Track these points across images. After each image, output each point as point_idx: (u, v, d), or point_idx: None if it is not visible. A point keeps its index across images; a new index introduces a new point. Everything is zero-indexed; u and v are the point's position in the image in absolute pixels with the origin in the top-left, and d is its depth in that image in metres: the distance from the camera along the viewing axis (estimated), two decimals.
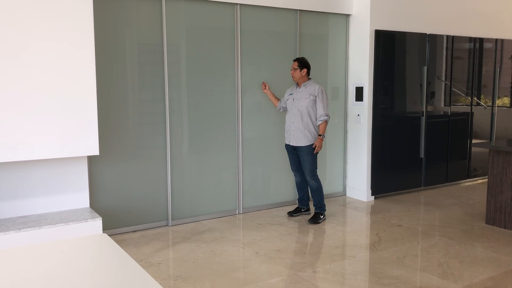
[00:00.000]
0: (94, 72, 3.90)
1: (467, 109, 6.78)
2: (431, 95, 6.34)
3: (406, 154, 6.17)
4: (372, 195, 5.89)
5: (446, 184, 6.66)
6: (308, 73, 4.97)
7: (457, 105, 6.67)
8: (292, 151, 5.03)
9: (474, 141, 6.84)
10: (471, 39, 6.68)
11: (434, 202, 5.81)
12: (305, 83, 4.95)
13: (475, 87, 6.85)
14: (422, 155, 6.27)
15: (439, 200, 5.90)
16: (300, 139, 4.89)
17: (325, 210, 5.07)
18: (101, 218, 3.89)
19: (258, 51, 5.31)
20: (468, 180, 6.92)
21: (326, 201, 5.70)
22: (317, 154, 4.99)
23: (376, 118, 5.79)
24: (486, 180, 5.77)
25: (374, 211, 5.44)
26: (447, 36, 6.38)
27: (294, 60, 4.98)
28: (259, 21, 5.28)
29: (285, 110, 5.19)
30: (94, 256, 1.94)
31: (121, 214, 4.60)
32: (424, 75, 6.18)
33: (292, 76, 4.97)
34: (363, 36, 5.73)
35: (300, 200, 5.27)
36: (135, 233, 4.61)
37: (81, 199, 4.20)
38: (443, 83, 6.47)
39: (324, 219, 5.05)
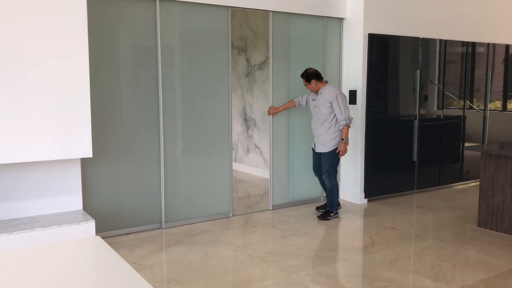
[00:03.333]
0: (88, 74, 3.89)
1: (459, 112, 6.83)
2: (424, 99, 6.38)
3: (399, 157, 6.20)
4: (365, 197, 5.91)
5: (439, 187, 6.70)
6: (320, 79, 5.09)
7: (450, 108, 6.71)
8: (316, 153, 5.23)
9: (466, 144, 6.89)
10: (464, 43, 6.73)
11: (426, 205, 5.84)
12: (321, 90, 5.07)
13: (468, 91, 6.90)
14: (415, 158, 6.30)
15: (432, 203, 5.93)
16: (321, 146, 5.10)
17: (335, 209, 5.22)
18: (94, 220, 3.88)
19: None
20: (460, 183, 6.96)
21: (320, 203, 5.72)
22: (338, 158, 5.13)
23: (370, 121, 5.81)
24: (478, 183, 5.80)
25: (367, 213, 5.46)
26: (440, 40, 6.43)
27: (301, 76, 5.14)
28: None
29: (304, 106, 5.39)
30: (87, 258, 1.93)
31: (114, 216, 4.59)
32: (417, 79, 6.22)
33: (310, 90, 5.16)
34: (356, 39, 5.76)
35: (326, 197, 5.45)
36: (128, 236, 4.60)
37: (74, 201, 4.18)
38: (436, 87, 6.51)
39: (336, 217, 5.20)
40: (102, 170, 4.50)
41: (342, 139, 5.00)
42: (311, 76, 5.04)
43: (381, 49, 5.84)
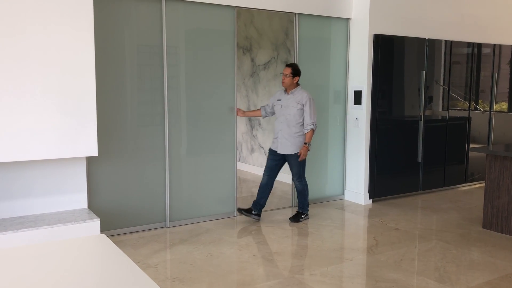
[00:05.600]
0: (94, 73, 3.91)
1: (465, 113, 6.81)
2: (429, 100, 6.36)
3: (404, 158, 6.18)
4: (369, 198, 5.90)
5: (444, 188, 6.68)
6: (298, 81, 4.96)
7: (455, 109, 6.69)
8: (275, 154, 5.00)
9: (471, 145, 6.86)
10: (469, 44, 6.71)
11: (431, 206, 5.82)
12: (293, 90, 4.91)
13: (473, 92, 6.88)
14: (419, 159, 6.28)
15: (436, 204, 5.91)
16: (287, 147, 4.89)
17: (307, 210, 5.14)
18: (99, 219, 3.90)
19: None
20: (465, 184, 6.94)
21: (324, 204, 5.74)
22: (305, 160, 4.97)
23: (374, 122, 5.80)
24: (483, 184, 5.77)
25: (371, 214, 5.45)
26: (446, 41, 6.41)
27: (288, 66, 4.94)
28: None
29: (273, 114, 5.19)
30: (93, 256, 1.94)
31: (119, 215, 4.60)
32: (422, 80, 6.20)
33: (283, 82, 4.92)
34: (362, 40, 5.75)
35: (255, 203, 5.08)
36: (133, 235, 4.61)
37: (79, 200, 4.20)
38: (441, 88, 6.49)
39: (307, 218, 5.13)
40: (107, 168, 4.51)
41: (305, 143, 4.84)
42: (298, 73, 4.91)
43: (387, 49, 5.83)
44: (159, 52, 4.69)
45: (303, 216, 5.09)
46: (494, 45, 6.98)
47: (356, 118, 5.85)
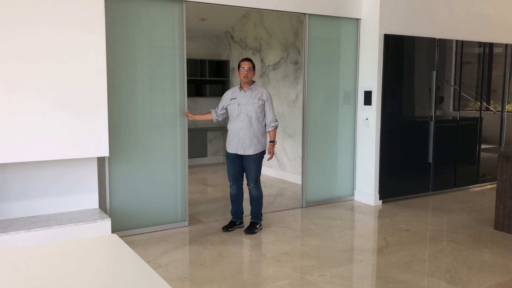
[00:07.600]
0: (105, 73, 3.94)
1: (476, 114, 6.75)
2: (440, 100, 6.32)
3: (415, 158, 6.15)
4: (380, 199, 5.88)
5: (455, 189, 6.63)
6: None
7: (466, 110, 6.64)
8: (235, 159, 4.67)
9: (483, 146, 6.80)
10: (481, 44, 6.65)
11: (442, 207, 5.79)
12: (251, 86, 4.60)
13: (485, 92, 6.82)
14: (430, 159, 6.24)
15: (447, 205, 5.87)
16: (249, 148, 4.57)
17: (261, 219, 4.82)
18: (110, 219, 3.93)
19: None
20: (476, 185, 6.88)
21: (335, 205, 5.72)
22: (261, 162, 4.71)
23: (385, 122, 5.78)
24: (495, 185, 5.72)
25: (381, 215, 5.43)
26: (457, 41, 6.36)
27: (247, 60, 4.62)
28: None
29: (224, 117, 4.84)
30: (104, 256, 1.96)
31: (129, 215, 4.63)
32: (433, 80, 6.16)
33: (245, 77, 4.53)
34: (372, 40, 5.73)
35: (234, 213, 4.86)
36: (143, 235, 4.64)
37: (90, 199, 4.24)
38: (452, 88, 6.45)
39: (261, 229, 4.80)
40: (119, 169, 4.54)
41: (272, 141, 4.59)
42: (255, 68, 4.68)
43: (397, 49, 5.80)
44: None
45: (257, 227, 4.74)
46: (506, 44, 6.91)
47: (366, 119, 5.83)
